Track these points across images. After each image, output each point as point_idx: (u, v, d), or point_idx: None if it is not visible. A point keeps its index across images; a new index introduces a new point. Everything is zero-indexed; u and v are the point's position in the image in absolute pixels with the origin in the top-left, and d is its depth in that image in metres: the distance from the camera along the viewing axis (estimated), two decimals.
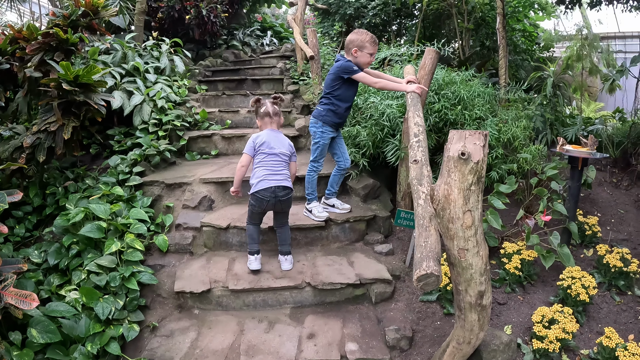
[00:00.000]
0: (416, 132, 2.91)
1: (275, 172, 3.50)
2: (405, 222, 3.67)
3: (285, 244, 3.69)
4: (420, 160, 2.61)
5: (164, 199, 4.35)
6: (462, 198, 2.09)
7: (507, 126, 4.75)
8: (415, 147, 2.76)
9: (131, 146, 5.10)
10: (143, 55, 6.46)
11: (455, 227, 2.17)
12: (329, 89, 3.86)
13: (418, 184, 2.45)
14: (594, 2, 7.69)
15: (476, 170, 2.06)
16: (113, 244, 3.63)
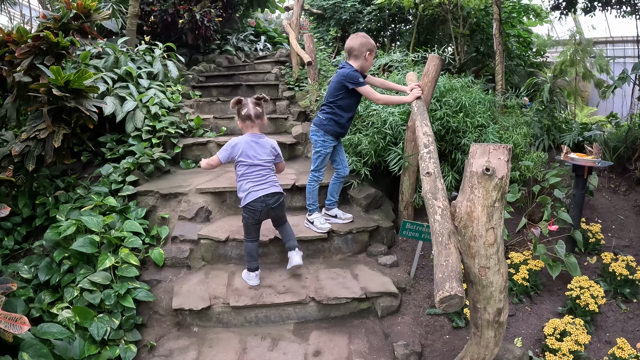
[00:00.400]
0: (426, 143, 2.77)
1: (260, 182, 3.32)
2: (411, 234, 3.54)
3: (291, 238, 3.51)
4: (433, 173, 2.48)
5: (159, 209, 4.17)
6: (486, 215, 1.96)
7: (508, 133, 4.65)
8: (427, 159, 2.62)
9: (124, 154, 4.90)
10: (136, 60, 6.26)
11: (477, 245, 2.03)
12: (332, 97, 3.69)
13: (433, 198, 2.31)
14: (588, 8, 7.64)
15: (500, 187, 1.93)
16: (107, 259, 3.44)
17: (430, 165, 2.55)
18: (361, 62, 3.64)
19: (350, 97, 3.69)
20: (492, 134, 4.36)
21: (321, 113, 3.76)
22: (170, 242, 3.87)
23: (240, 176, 3.37)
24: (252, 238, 3.44)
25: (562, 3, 7.46)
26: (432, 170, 2.50)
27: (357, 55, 3.63)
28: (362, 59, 3.63)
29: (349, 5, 7.43)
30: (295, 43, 6.33)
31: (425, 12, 7.56)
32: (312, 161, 3.84)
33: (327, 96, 3.73)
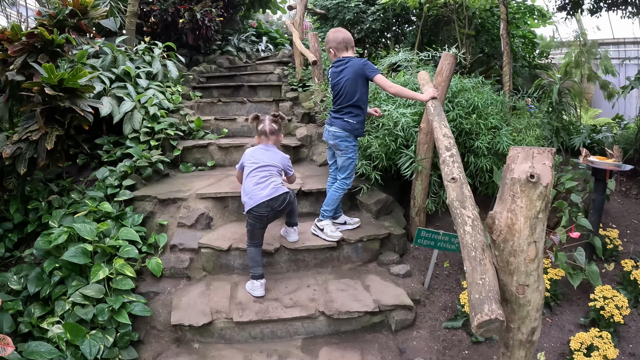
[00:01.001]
0: (447, 145, 2.50)
1: (263, 184, 3.17)
2: (426, 242, 3.27)
3: (293, 216, 3.50)
4: (459, 179, 2.20)
5: (157, 216, 3.87)
6: (529, 228, 1.68)
7: (521, 135, 4.37)
8: (450, 163, 2.35)
9: (121, 157, 4.61)
10: (134, 59, 5.98)
11: (517, 261, 1.75)
12: (357, 95, 3.38)
13: (461, 207, 2.04)
14: (594, 8, 7.41)
15: (545, 195, 1.66)
16: (100, 270, 3.16)
17: (454, 169, 2.28)
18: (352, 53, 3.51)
19: (367, 90, 3.48)
20: (506, 136, 4.09)
21: (349, 117, 3.41)
22: (169, 250, 3.59)
23: (244, 179, 3.28)
24: (256, 243, 3.24)
25: (569, 4, 7.20)
26: (457, 175, 2.22)
27: (353, 46, 3.50)
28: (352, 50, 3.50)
29: (353, 5, 7.15)
30: (299, 42, 6.04)
31: (430, 12, 7.30)
32: (343, 168, 3.52)
33: (348, 96, 3.39)
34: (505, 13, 6.30)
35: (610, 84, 8.19)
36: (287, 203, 3.23)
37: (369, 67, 3.36)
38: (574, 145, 6.00)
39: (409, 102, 4.02)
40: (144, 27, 7.83)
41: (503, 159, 4.26)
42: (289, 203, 3.25)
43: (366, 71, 3.35)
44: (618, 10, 7.44)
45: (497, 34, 7.75)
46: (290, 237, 3.50)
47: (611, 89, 8.18)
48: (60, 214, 3.81)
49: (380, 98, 4.12)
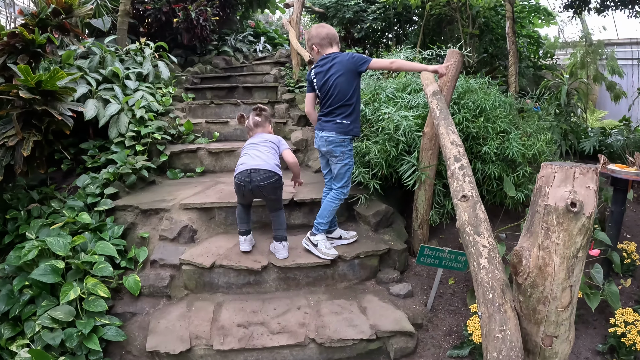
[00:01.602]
0: (456, 155, 2.12)
1: (253, 157, 3.06)
2: (430, 261, 2.88)
3: (280, 228, 3.17)
4: (471, 196, 1.82)
5: (139, 227, 3.50)
6: (565, 270, 1.30)
7: (531, 140, 3.97)
8: (460, 177, 1.96)
9: (105, 162, 4.24)
10: (125, 60, 5.60)
11: (546, 310, 1.37)
12: (350, 92, 3.00)
13: (474, 233, 1.65)
14: (601, 7, 7.02)
15: (587, 229, 1.27)
16: (71, 290, 2.80)
17: (465, 185, 1.89)
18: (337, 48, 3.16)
19: (359, 85, 3.11)
20: (515, 141, 3.70)
21: (342, 118, 3.02)
22: (149, 266, 3.21)
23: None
24: (240, 202, 3.17)
25: (576, 2, 6.81)
26: (469, 192, 1.84)
27: (338, 42, 3.16)
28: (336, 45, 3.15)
29: (353, 3, 6.76)
30: (295, 41, 5.65)
31: (432, 11, 6.90)
32: (339, 177, 3.13)
33: (340, 95, 3.00)
34: (511, 11, 5.91)
35: (617, 85, 7.79)
36: (270, 185, 2.99)
37: (358, 60, 2.99)
38: (584, 149, 5.61)
39: (410, 104, 3.63)
40: (140, 27, 7.47)
41: (512, 165, 3.88)
42: (272, 187, 3.01)
43: (357, 65, 2.98)
44: (625, 10, 7.08)
45: (501, 34, 7.35)
46: (279, 254, 3.12)
47: (618, 90, 7.78)
48: (38, 225, 3.45)
49: (380, 99, 3.73)
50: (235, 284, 3.03)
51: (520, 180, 3.77)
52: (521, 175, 3.73)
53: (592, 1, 7.00)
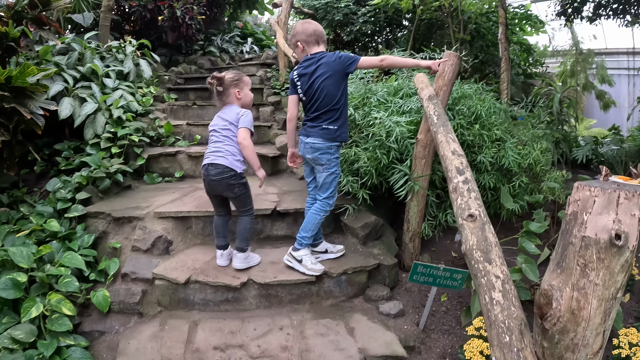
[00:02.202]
0: (458, 166, 1.86)
1: (211, 148, 2.82)
2: (424, 279, 2.62)
3: (238, 237, 2.88)
4: (479, 216, 1.57)
5: (110, 236, 3.20)
6: (602, 314, 1.06)
7: (527, 148, 3.75)
8: (465, 192, 1.71)
9: (80, 165, 3.93)
10: (106, 57, 5.28)
11: (575, 358, 1.11)
12: (338, 96, 2.72)
13: (485, 261, 1.41)
14: (593, 16, 6.88)
15: (629, 265, 1.03)
16: (33, 307, 2.51)
17: (472, 202, 1.64)
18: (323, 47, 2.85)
19: (347, 86, 2.84)
20: (511, 150, 3.48)
21: (329, 123, 2.73)
22: (120, 280, 2.91)
23: None
24: (217, 212, 2.93)
25: (569, 9, 6.64)
26: (476, 211, 1.59)
27: (325, 40, 2.87)
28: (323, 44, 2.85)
29: (343, 5, 6.51)
30: (282, 42, 5.37)
31: (423, 15, 6.68)
32: (325, 187, 2.83)
33: (327, 99, 2.72)
34: (504, 17, 5.70)
35: (606, 94, 7.67)
36: (224, 181, 2.73)
37: (346, 60, 2.72)
38: (577, 158, 5.42)
39: (403, 109, 3.37)
40: (125, 25, 7.15)
41: (507, 174, 3.65)
42: (226, 183, 2.74)
43: (345, 65, 2.72)
44: (617, 19, 6.95)
45: (491, 40, 7.16)
46: (233, 263, 2.89)
47: (607, 99, 7.66)
48: (4, 231, 3.15)
49: (370, 103, 3.47)
50: (212, 300, 2.74)
51: (516, 191, 3.55)
52: (517, 186, 3.51)
53: (585, 10, 6.86)
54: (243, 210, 2.85)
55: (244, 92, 2.88)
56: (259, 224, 3.27)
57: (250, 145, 2.75)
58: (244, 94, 2.88)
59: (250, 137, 2.79)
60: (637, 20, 6.88)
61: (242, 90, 2.87)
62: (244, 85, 2.88)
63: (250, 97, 2.93)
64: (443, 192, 3.36)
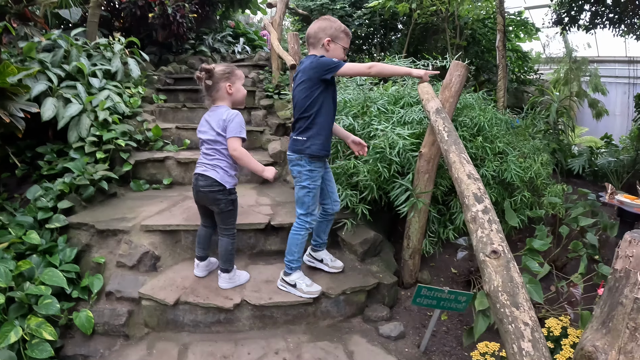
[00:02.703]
0: (477, 194, 1.71)
1: (201, 157, 2.64)
2: (427, 302, 2.48)
3: (221, 259, 2.71)
4: (504, 252, 1.43)
5: (94, 250, 2.99)
6: None
7: (528, 161, 3.64)
8: (485, 223, 1.56)
9: (63, 170, 3.71)
10: (93, 55, 5.04)
11: None
12: (306, 103, 2.50)
13: (512, 305, 1.26)
14: (589, 25, 6.82)
15: None
16: (12, 332, 2.32)
17: (494, 236, 1.49)
18: (321, 51, 2.54)
19: (330, 95, 2.57)
20: (514, 163, 3.36)
21: (297, 134, 2.57)
22: (105, 298, 2.72)
23: None
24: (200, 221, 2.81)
25: (565, 18, 6.56)
26: (499, 246, 1.44)
27: (313, 43, 2.57)
28: (321, 48, 2.53)
29: (339, 7, 6.35)
30: (276, 43, 5.19)
31: (419, 20, 6.55)
32: (298, 203, 2.64)
33: (298, 105, 2.55)
34: (502, 24, 5.60)
35: (599, 103, 7.61)
36: (211, 194, 2.55)
37: (323, 66, 2.44)
38: (573, 168, 5.34)
39: (405, 119, 3.22)
40: (115, 21, 6.89)
41: (508, 188, 3.53)
42: (213, 197, 2.56)
43: (322, 71, 2.45)
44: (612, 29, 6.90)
45: (487, 47, 7.07)
46: (219, 282, 2.73)
47: (600, 108, 7.61)
48: None
49: (370, 113, 3.31)
50: (203, 322, 2.57)
51: (517, 206, 3.43)
52: (519, 200, 3.39)
53: (581, 18, 6.79)
54: (224, 228, 2.66)
55: (236, 87, 2.59)
56: (251, 239, 3.09)
57: (242, 154, 2.51)
58: (236, 89, 2.60)
59: (242, 143, 2.55)
60: (632, 30, 6.84)
61: (234, 84, 2.58)
62: (236, 79, 2.59)
63: (243, 92, 2.64)
64: (445, 208, 3.22)
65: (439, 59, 3.78)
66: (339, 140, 3.27)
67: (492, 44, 6.94)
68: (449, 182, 3.21)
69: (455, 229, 3.17)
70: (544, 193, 3.72)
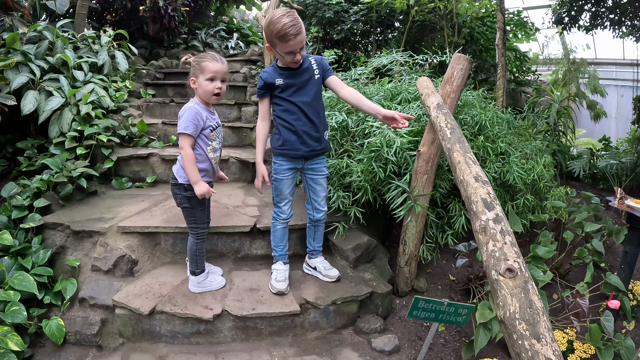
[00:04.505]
0: (486, 199, 1.49)
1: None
2: (425, 314, 2.24)
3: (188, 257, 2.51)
4: (521, 271, 1.20)
5: (69, 252, 2.75)
6: None
7: (530, 163, 3.42)
8: (497, 235, 1.34)
9: (42, 167, 3.46)
10: (80, 48, 4.79)
11: None
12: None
13: (532, 336, 1.06)
14: (589, 26, 6.63)
15: None
16: None
17: (508, 250, 1.27)
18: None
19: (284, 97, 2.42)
20: (516, 164, 3.14)
21: None
22: (78, 305, 2.48)
23: None
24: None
25: (565, 18, 6.36)
26: (514, 262, 1.22)
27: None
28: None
29: (334, 2, 6.10)
30: None
31: (417, 17, 6.31)
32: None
33: None
34: (502, 21, 5.36)
35: (597, 104, 7.41)
36: (172, 188, 2.44)
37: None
38: (573, 171, 5.13)
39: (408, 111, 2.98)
40: (107, 14, 6.63)
41: (510, 190, 3.31)
42: (173, 191, 2.44)
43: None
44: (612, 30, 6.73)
45: (485, 46, 6.85)
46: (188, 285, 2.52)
47: (598, 110, 7.40)
48: None
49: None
50: (181, 333, 2.33)
51: (520, 209, 3.21)
52: (521, 204, 3.17)
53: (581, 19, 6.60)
54: (188, 227, 2.44)
55: (199, 82, 2.30)
56: (235, 242, 2.85)
57: (185, 155, 2.27)
58: (199, 84, 2.31)
59: (193, 140, 2.30)
60: (632, 32, 6.66)
61: (197, 78, 2.31)
62: (199, 72, 2.29)
63: (207, 89, 2.29)
64: (443, 211, 2.99)
65: (439, 54, 3.55)
66: (331, 137, 3.04)
67: (490, 43, 6.73)
68: (449, 184, 2.98)
69: (454, 234, 2.96)
70: (546, 196, 3.51)
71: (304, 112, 2.39)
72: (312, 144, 2.43)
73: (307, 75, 2.39)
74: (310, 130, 2.41)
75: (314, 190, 2.56)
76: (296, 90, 2.38)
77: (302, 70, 2.39)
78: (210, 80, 2.28)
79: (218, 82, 2.30)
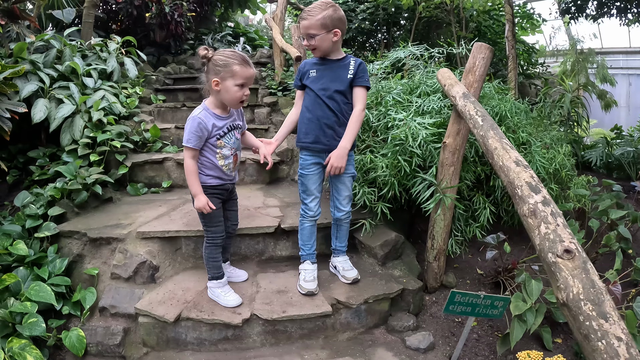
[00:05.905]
0: (531, 183, 1.40)
1: None
2: (461, 309, 2.14)
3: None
4: (577, 251, 1.12)
5: (87, 261, 2.65)
6: None
7: (551, 152, 3.30)
8: (548, 217, 1.28)
9: (55, 175, 3.38)
10: (88, 55, 4.72)
11: None
12: None
13: (599, 316, 1.12)
14: (596, 15, 6.52)
15: None
16: None
17: (562, 232, 1.16)
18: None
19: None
20: (538, 154, 3.02)
21: None
22: (98, 315, 2.38)
23: None
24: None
25: (572, 7, 6.26)
26: (571, 244, 1.11)
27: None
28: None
29: (342, 1, 6.01)
30: (279, 38, 4.85)
31: (423, 14, 6.22)
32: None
33: None
34: (511, 13, 5.27)
35: (607, 94, 7.28)
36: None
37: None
38: (590, 160, 5.00)
39: (423, 108, 2.87)
40: (112, 23, 6.56)
41: None
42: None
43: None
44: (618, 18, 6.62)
45: (492, 39, 6.74)
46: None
47: (609, 99, 7.26)
48: None
49: (386, 103, 2.97)
50: (208, 339, 2.22)
51: None
52: None
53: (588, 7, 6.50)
54: (204, 229, 2.31)
55: (225, 85, 2.04)
56: (259, 244, 2.74)
57: (186, 167, 2.13)
58: (224, 88, 2.05)
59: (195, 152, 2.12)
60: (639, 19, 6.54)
61: (223, 81, 2.04)
62: (228, 75, 2.03)
63: (235, 95, 2.06)
64: (470, 204, 2.87)
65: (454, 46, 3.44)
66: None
67: (498, 36, 6.63)
68: (474, 176, 2.87)
69: (480, 227, 2.84)
70: (569, 185, 3.39)
71: (327, 104, 2.30)
72: (333, 136, 2.33)
73: (341, 71, 2.33)
74: (332, 123, 2.31)
75: (337, 188, 2.46)
76: (325, 82, 2.33)
77: (339, 65, 2.34)
78: (240, 87, 2.06)
79: (247, 89, 2.11)
